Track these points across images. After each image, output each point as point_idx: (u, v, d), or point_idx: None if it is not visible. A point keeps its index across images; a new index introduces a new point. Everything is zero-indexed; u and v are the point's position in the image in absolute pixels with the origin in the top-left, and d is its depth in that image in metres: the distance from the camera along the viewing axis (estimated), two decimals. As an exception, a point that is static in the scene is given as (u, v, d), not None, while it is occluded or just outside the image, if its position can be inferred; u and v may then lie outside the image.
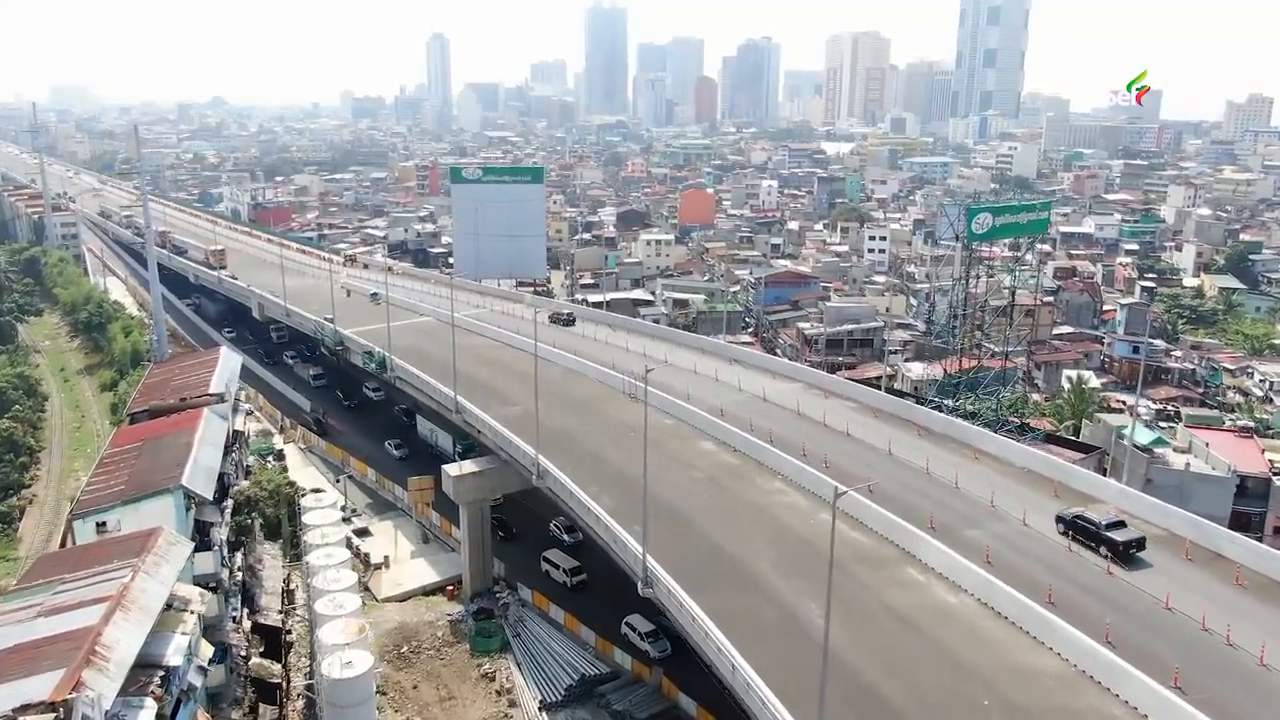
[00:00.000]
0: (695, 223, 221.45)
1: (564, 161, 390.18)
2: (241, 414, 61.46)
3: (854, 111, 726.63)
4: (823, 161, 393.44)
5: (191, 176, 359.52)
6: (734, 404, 67.79)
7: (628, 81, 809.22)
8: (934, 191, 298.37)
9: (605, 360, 79.99)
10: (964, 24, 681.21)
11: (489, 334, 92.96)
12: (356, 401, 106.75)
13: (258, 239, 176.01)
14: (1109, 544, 43.70)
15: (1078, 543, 45.14)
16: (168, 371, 64.03)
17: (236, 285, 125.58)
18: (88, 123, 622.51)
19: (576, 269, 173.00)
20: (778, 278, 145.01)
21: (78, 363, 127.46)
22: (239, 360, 70.41)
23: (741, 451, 58.50)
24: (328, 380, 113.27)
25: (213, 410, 50.91)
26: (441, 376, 73.80)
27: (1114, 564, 43.11)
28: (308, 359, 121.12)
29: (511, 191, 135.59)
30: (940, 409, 75.26)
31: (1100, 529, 44.34)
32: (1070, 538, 45.51)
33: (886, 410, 65.27)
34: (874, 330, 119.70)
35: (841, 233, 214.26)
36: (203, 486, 42.42)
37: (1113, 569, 42.81)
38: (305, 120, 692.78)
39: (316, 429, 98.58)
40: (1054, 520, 46.53)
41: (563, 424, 65.62)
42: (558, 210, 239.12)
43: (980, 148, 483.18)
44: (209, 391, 53.63)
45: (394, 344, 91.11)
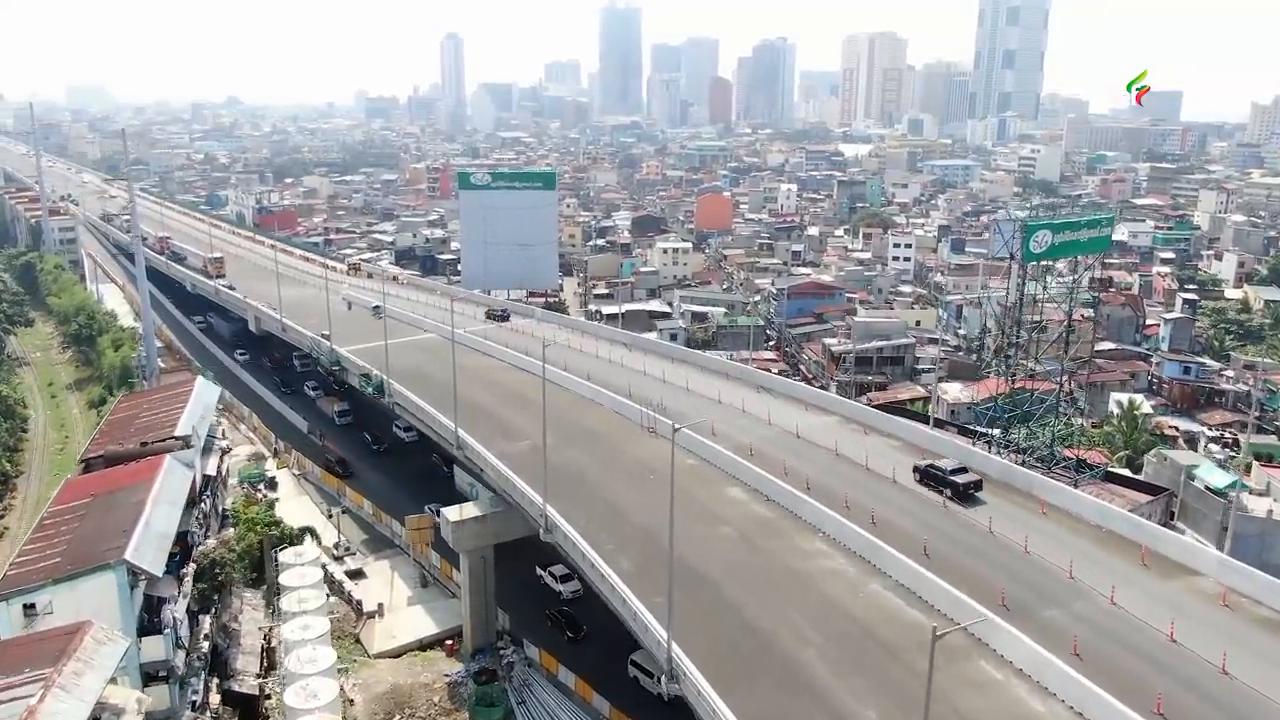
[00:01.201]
0: (712, 228, 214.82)
1: (578, 163, 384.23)
2: (216, 454, 55.22)
3: (870, 112, 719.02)
4: (841, 163, 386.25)
5: (201, 178, 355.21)
6: (764, 441, 61.13)
7: (642, 82, 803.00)
8: (956, 195, 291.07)
9: (621, 386, 73.52)
10: (983, 24, 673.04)
11: (496, 354, 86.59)
12: (386, 445, 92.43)
13: (260, 245, 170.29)
14: (952, 486, 52.10)
15: (927, 488, 53.24)
16: (135, 406, 57.82)
17: (233, 296, 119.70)
18: (101, 122, 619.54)
19: (590, 277, 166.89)
20: (801, 289, 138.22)
21: (68, 376, 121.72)
22: (215, 393, 64.14)
23: (775, 501, 51.83)
24: (354, 417, 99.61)
25: (176, 458, 44.67)
26: (443, 403, 67.44)
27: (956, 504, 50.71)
28: (332, 391, 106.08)
29: (522, 198, 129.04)
30: (989, 443, 68.63)
31: (945, 474, 52.91)
32: (921, 483, 53.73)
33: (923, 447, 58.29)
34: (905, 347, 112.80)
35: (864, 239, 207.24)
36: (152, 559, 36.15)
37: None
38: (319, 120, 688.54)
39: (340, 471, 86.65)
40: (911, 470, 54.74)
41: (574, 463, 59.16)
42: (571, 214, 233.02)
43: (1000, 149, 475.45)
44: (175, 434, 47.40)
45: (394, 364, 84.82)
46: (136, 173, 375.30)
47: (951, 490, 51.65)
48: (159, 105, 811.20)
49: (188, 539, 43.11)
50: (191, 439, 46.43)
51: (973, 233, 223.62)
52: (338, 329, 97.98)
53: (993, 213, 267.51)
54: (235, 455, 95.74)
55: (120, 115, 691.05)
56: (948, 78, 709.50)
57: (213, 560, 42.95)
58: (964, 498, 51.08)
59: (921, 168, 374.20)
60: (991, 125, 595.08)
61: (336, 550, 72.95)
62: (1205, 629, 38.24)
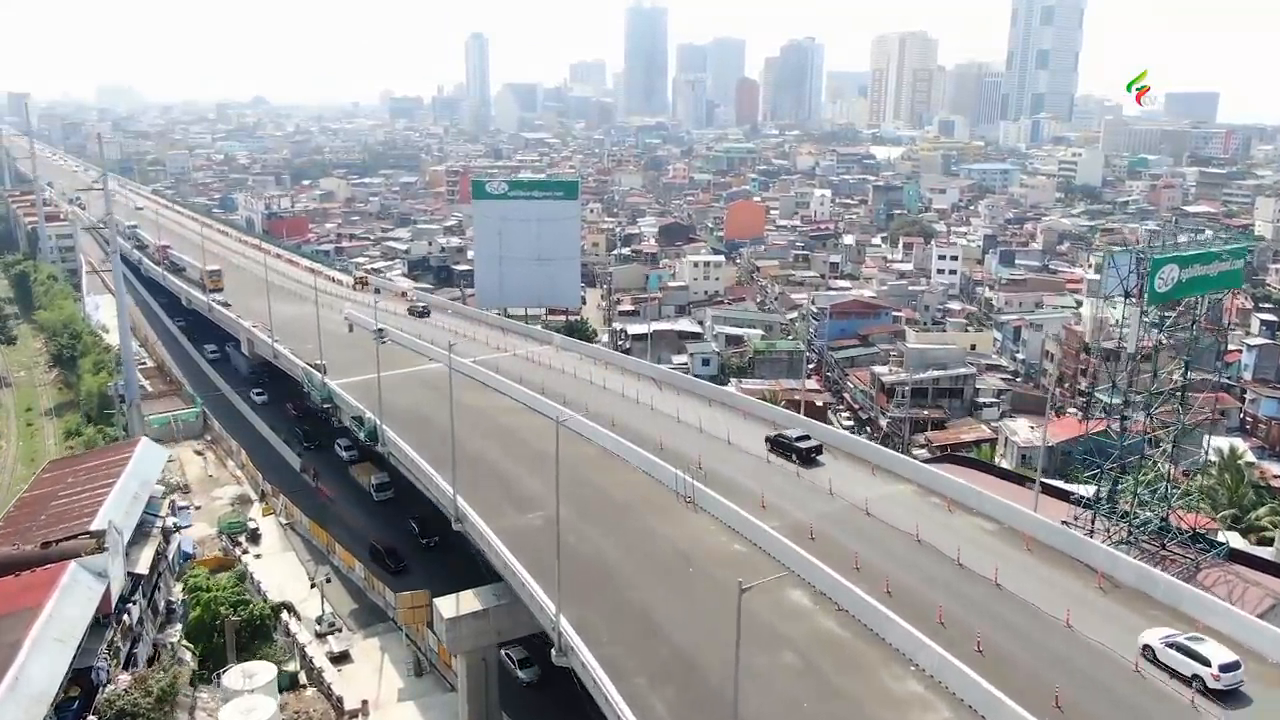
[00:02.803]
0: (744, 237, 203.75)
1: (602, 165, 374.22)
2: (156, 539, 45.04)
3: (900, 114, 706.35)
4: (873, 167, 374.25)
5: (219, 179, 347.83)
6: (826, 520, 50.31)
7: (667, 82, 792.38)
8: (997, 201, 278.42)
9: (651, 437, 62.93)
10: (1016, 24, 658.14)
11: (508, 391, 76.02)
12: (435, 539, 67.36)
13: (267, 254, 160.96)
14: (796, 452, 57.95)
15: (777, 455, 58.80)
16: (59, 478, 47.73)
17: (226, 315, 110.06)
18: (125, 122, 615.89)
19: (615, 290, 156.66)
20: (843, 307, 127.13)
21: (50, 400, 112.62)
22: (161, 458, 53.91)
23: (849, 613, 41.04)
24: (397, 493, 75.59)
25: (84, 566, 34.73)
26: (444, 456, 56.72)
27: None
28: (370, 454, 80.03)
29: (542, 208, 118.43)
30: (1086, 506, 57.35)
31: (791, 443, 58.62)
32: (771, 452, 59.17)
33: (1040, 540, 47.07)
34: (965, 378, 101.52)
35: (904, 249, 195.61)
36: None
37: None
38: (342, 120, 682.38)
39: (390, 565, 67.16)
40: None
41: (595, 547, 48.67)
42: (594, 220, 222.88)
43: (1035, 152, 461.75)
44: (89, 528, 37.38)
45: (393, 403, 74.57)
46: (153, 174, 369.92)
47: (796, 456, 58.07)
48: (186, 105, 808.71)
49: (91, 677, 33.08)
50: (108, 536, 36.40)
51: (1019, 242, 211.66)
52: (336, 355, 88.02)
53: (1036, 219, 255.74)
54: (218, 497, 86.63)
55: (146, 115, 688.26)
56: (979, 78, 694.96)
57: (120, 711, 32.85)
58: (806, 462, 57.75)
59: (957, 171, 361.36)
60: (1025, 127, 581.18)
61: (320, 626, 62.86)
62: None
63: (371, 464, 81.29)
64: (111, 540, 36.64)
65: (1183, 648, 35.58)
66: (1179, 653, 35.63)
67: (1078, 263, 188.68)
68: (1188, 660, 35.19)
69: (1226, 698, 34.27)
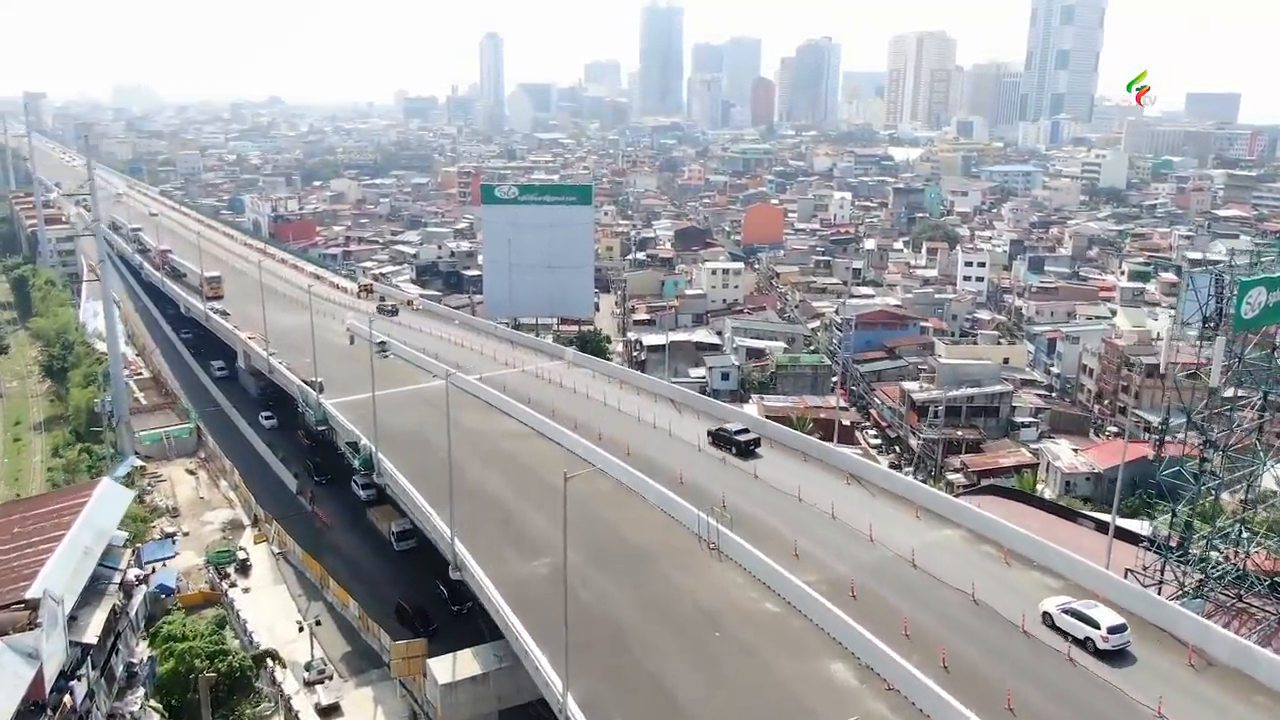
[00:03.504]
0: (762, 241, 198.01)
1: (617, 166, 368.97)
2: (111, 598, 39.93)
3: (917, 114, 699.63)
4: (892, 168, 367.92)
5: (229, 180, 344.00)
6: (867, 573, 44.82)
7: (683, 82, 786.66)
8: (1020, 204, 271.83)
9: (670, 468, 57.59)
10: (1035, 23, 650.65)
11: (516, 413, 70.72)
12: (469, 605, 55.35)
13: (271, 258, 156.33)
14: (735, 445, 60.17)
15: (717, 449, 61.07)
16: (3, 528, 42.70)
17: (222, 325, 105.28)
18: (140, 122, 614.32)
19: (629, 296, 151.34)
20: (869, 317, 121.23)
21: (41, 412, 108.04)
22: (125, 500, 48.72)
23: (899, 692, 35.55)
24: (421, 542, 62.58)
25: (9, 648, 29.56)
26: (445, 488, 51.27)
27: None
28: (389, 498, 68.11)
29: (554, 214, 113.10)
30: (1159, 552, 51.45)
31: (731, 436, 60.74)
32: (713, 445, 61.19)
33: (1113, 601, 41.36)
34: (1000, 396, 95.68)
35: (928, 254, 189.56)
36: None
37: None
38: (356, 120, 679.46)
39: (419, 627, 57.10)
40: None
41: (609, 603, 43.41)
42: (608, 223, 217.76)
43: (1056, 153, 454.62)
44: (24, 596, 32.21)
45: (393, 425, 69.63)
46: (163, 174, 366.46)
47: (736, 449, 60.25)
48: (202, 105, 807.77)
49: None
50: (43, 609, 31.24)
51: (1045, 246, 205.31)
52: (336, 371, 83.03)
53: (1061, 223, 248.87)
54: (209, 522, 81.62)
55: (162, 115, 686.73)
56: (998, 78, 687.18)
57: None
58: (745, 455, 59.98)
59: (978, 173, 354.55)
60: (1044, 128, 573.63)
61: (308, 673, 57.66)
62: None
63: (393, 507, 68.91)
64: (48, 613, 31.57)
65: (1076, 613, 38.89)
66: (1073, 618, 38.80)
67: (1108, 269, 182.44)
68: (1080, 624, 38.41)
69: (1114, 657, 37.53)
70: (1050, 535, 54.14)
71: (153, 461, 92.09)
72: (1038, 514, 63.36)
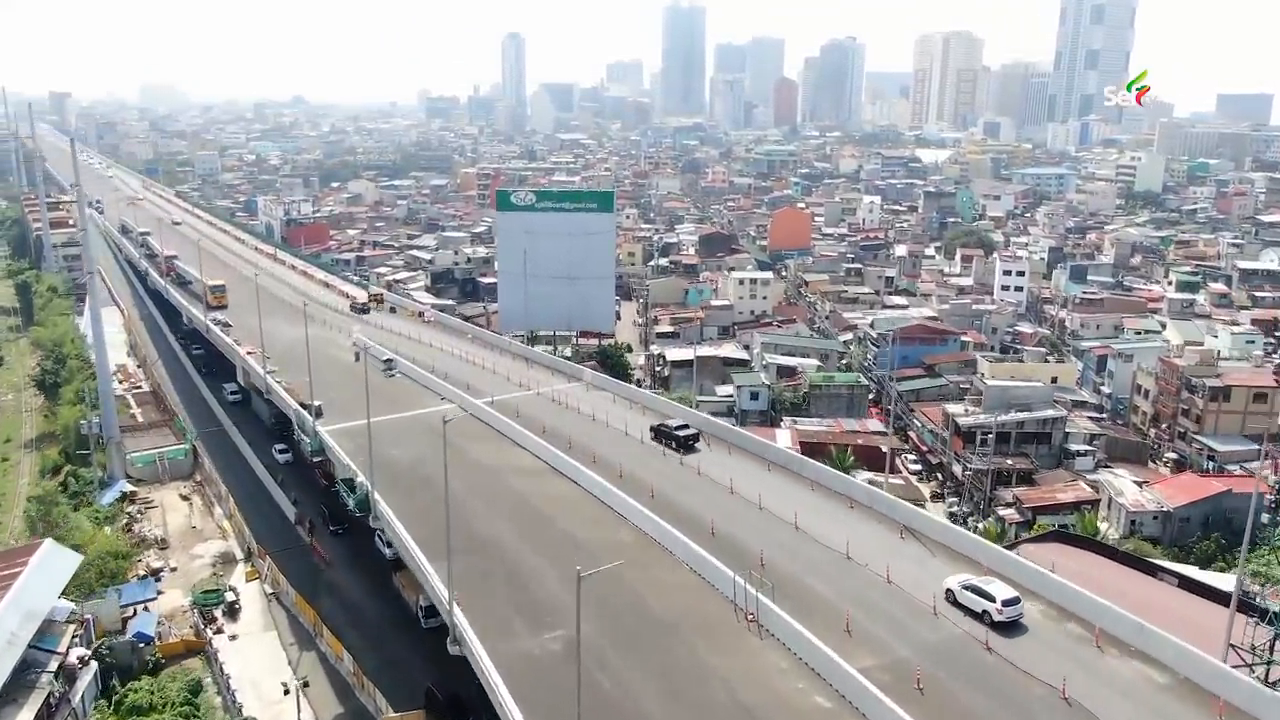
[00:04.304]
0: (789, 247, 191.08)
1: (639, 168, 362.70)
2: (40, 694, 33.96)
3: (943, 115, 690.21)
4: (919, 170, 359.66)
5: (247, 180, 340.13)
6: (934, 656, 38.28)
7: (705, 82, 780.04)
8: (1055, 209, 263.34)
9: (701, 517, 51.19)
10: (1065, 23, 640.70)
11: (530, 445, 64.41)
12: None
13: (281, 264, 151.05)
14: (675, 439, 62.57)
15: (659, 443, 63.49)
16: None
17: (221, 337, 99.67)
18: (164, 121, 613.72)
19: (652, 304, 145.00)
20: (907, 332, 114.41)
21: (35, 428, 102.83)
22: (69, 568, 42.87)
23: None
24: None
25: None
26: (447, 538, 45.03)
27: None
28: None
29: (573, 222, 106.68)
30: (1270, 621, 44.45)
31: (672, 431, 63.17)
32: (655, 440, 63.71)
33: (1234, 706, 34.63)
34: (1053, 422, 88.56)
35: (963, 262, 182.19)
36: None
37: None
38: (378, 120, 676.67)
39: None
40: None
41: (631, 692, 37.15)
42: (630, 227, 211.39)
43: (1087, 155, 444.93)
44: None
45: (394, 456, 63.79)
46: (182, 175, 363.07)
47: (676, 444, 61.96)
48: (227, 104, 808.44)
49: None
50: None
51: (1084, 253, 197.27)
52: (338, 392, 76.89)
53: (1098, 228, 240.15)
54: (199, 555, 75.91)
55: (186, 114, 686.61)
56: (1025, 79, 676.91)
57: None
58: (685, 448, 61.74)
59: (1009, 176, 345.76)
60: (1073, 129, 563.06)
61: (297, 737, 51.74)
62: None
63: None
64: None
65: (974, 588, 41.16)
66: (972, 593, 41.02)
67: (1152, 278, 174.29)
68: (978, 599, 40.63)
69: (1009, 629, 39.74)
70: (1129, 595, 47.71)
71: (145, 485, 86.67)
72: (1109, 565, 56.39)
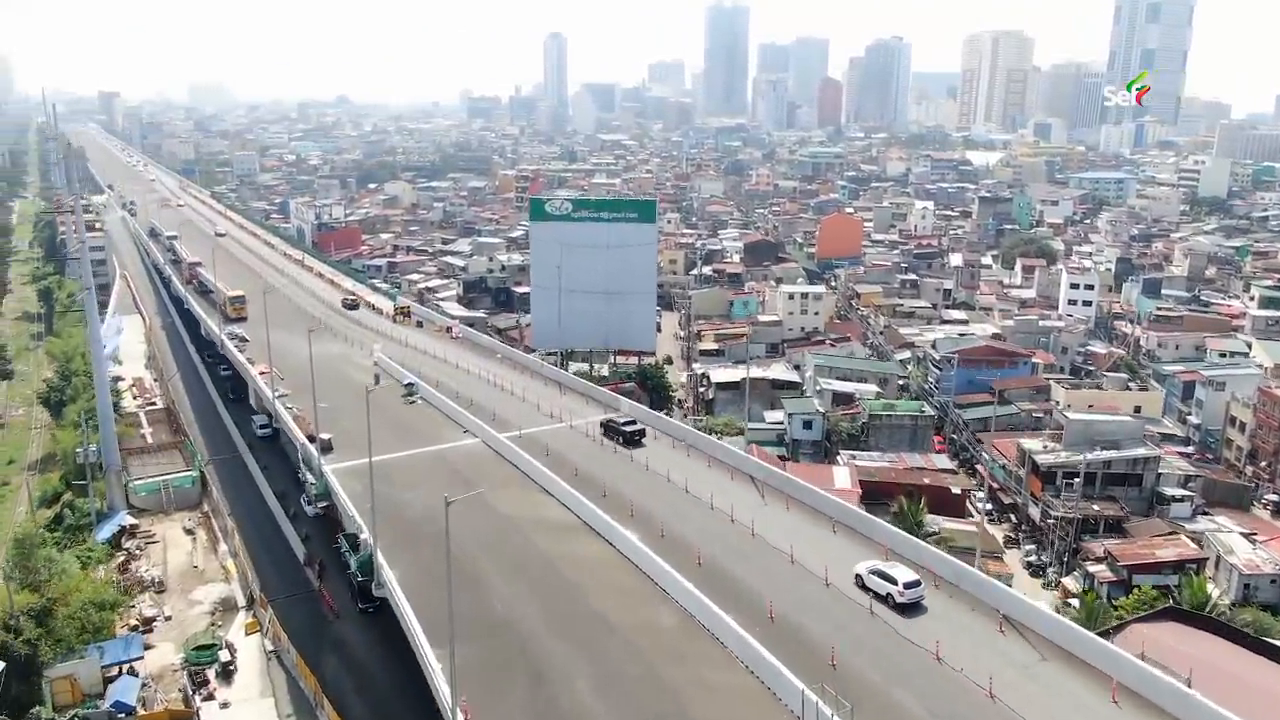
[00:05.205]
0: (838, 255, 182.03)
1: (680, 170, 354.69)
2: None
3: (991, 116, 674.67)
4: (970, 174, 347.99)
5: (285, 181, 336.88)
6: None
7: (748, 83, 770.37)
8: (1119, 215, 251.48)
9: (757, 595, 43.31)
10: (1119, 21, 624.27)
11: (561, 494, 56.65)
12: None
13: (309, 271, 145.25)
14: (622, 435, 64.87)
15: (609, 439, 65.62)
16: None
17: (234, 354, 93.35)
18: (210, 121, 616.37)
19: (694, 316, 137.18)
20: (972, 353, 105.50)
21: (41, 447, 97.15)
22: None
23: None
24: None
25: None
26: (457, 617, 37.39)
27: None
28: None
29: (612, 233, 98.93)
30: None
31: (619, 427, 65.39)
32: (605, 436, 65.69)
33: None
34: (1146, 463, 79.35)
35: (1024, 272, 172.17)
36: None
37: None
38: (420, 120, 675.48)
39: None
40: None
41: None
42: (672, 232, 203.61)
43: (1141, 157, 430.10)
44: None
45: (408, 506, 56.62)
46: (221, 175, 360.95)
47: (623, 439, 64.55)
48: (273, 104, 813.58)
49: None
50: None
51: (1152, 264, 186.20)
52: (352, 421, 69.64)
53: (1164, 236, 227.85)
54: (198, 601, 69.09)
55: (232, 114, 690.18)
56: (1077, 79, 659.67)
57: None
58: (631, 443, 64.44)
59: (1064, 179, 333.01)
60: (1127, 130, 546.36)
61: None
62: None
63: None
64: None
65: (879, 572, 43.05)
66: (877, 577, 42.89)
67: (1230, 292, 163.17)
68: (882, 582, 42.60)
69: (910, 610, 41.60)
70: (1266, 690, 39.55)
71: (148, 515, 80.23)
72: (1242, 654, 47.63)
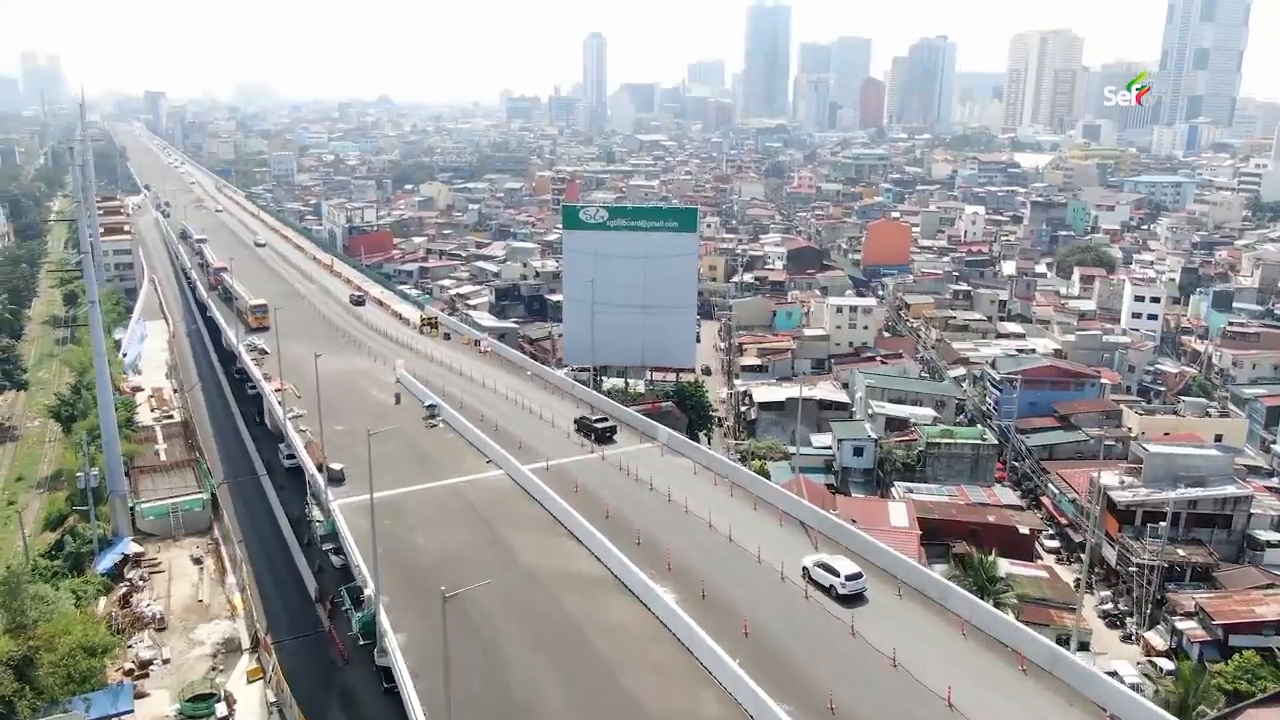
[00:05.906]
0: (886, 263, 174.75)
1: (720, 172, 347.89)
2: None
3: (1038, 117, 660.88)
4: (1019, 177, 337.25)
5: (322, 182, 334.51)
6: None
7: (788, 83, 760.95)
8: (1179, 222, 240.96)
9: (821, 682, 37.18)
10: (1172, 20, 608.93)
11: (590, 542, 50.55)
12: None
13: (337, 277, 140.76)
14: (595, 433, 66.71)
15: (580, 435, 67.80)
16: None
17: (252, 370, 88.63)
18: (253, 120, 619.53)
19: (735, 327, 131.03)
20: (1035, 374, 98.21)
21: (49, 467, 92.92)
22: None
23: None
24: None
25: None
26: (468, 695, 32.04)
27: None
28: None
29: (650, 242, 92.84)
30: None
31: (591, 424, 67.45)
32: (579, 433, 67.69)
33: None
34: (1236, 502, 71.90)
35: (1082, 282, 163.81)
36: None
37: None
38: (460, 120, 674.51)
39: None
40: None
41: None
42: (711, 236, 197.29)
43: (1196, 160, 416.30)
44: None
45: (420, 551, 51.19)
46: (257, 175, 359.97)
47: (595, 436, 66.61)
48: (315, 103, 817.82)
49: None
50: None
51: (1216, 273, 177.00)
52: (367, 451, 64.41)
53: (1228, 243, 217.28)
54: (199, 641, 63.99)
55: (275, 114, 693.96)
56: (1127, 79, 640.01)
57: None
58: (603, 440, 66.44)
59: (1118, 183, 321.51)
60: (1181, 132, 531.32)
61: None
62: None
63: None
64: None
65: (823, 564, 45.42)
66: (821, 569, 45.22)
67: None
68: (826, 574, 44.86)
69: (852, 600, 43.52)
70: None
71: (154, 540, 75.56)
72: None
